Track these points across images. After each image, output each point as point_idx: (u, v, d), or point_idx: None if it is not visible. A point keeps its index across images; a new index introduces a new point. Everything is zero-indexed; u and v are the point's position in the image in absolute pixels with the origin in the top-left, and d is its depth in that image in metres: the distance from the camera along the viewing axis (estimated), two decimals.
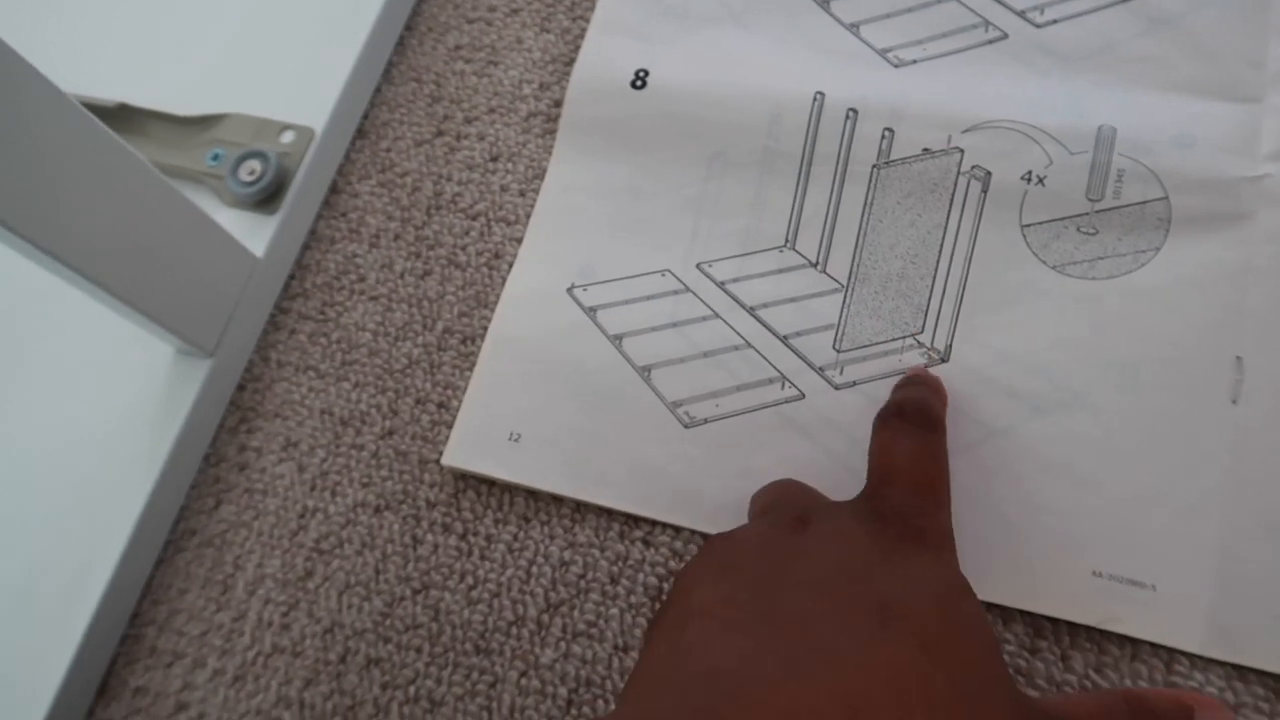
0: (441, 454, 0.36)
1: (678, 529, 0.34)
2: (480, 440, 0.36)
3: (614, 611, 0.33)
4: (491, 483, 0.36)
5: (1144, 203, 0.34)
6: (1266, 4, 0.36)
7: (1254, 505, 0.30)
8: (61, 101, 0.29)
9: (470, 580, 0.34)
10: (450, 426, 0.36)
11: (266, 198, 0.39)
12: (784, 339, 0.35)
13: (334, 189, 0.42)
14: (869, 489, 0.27)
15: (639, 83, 0.40)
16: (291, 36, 0.43)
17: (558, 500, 0.35)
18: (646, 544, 0.34)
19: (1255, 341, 0.32)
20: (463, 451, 0.36)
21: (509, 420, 0.36)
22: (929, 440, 0.28)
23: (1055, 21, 0.37)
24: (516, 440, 0.35)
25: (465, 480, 0.36)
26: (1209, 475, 0.31)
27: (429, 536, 0.35)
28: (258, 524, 0.37)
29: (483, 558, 0.35)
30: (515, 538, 0.35)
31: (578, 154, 0.40)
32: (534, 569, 0.34)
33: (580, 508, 0.35)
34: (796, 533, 0.25)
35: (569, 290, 0.38)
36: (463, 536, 0.35)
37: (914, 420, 0.28)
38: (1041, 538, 0.31)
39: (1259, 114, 0.34)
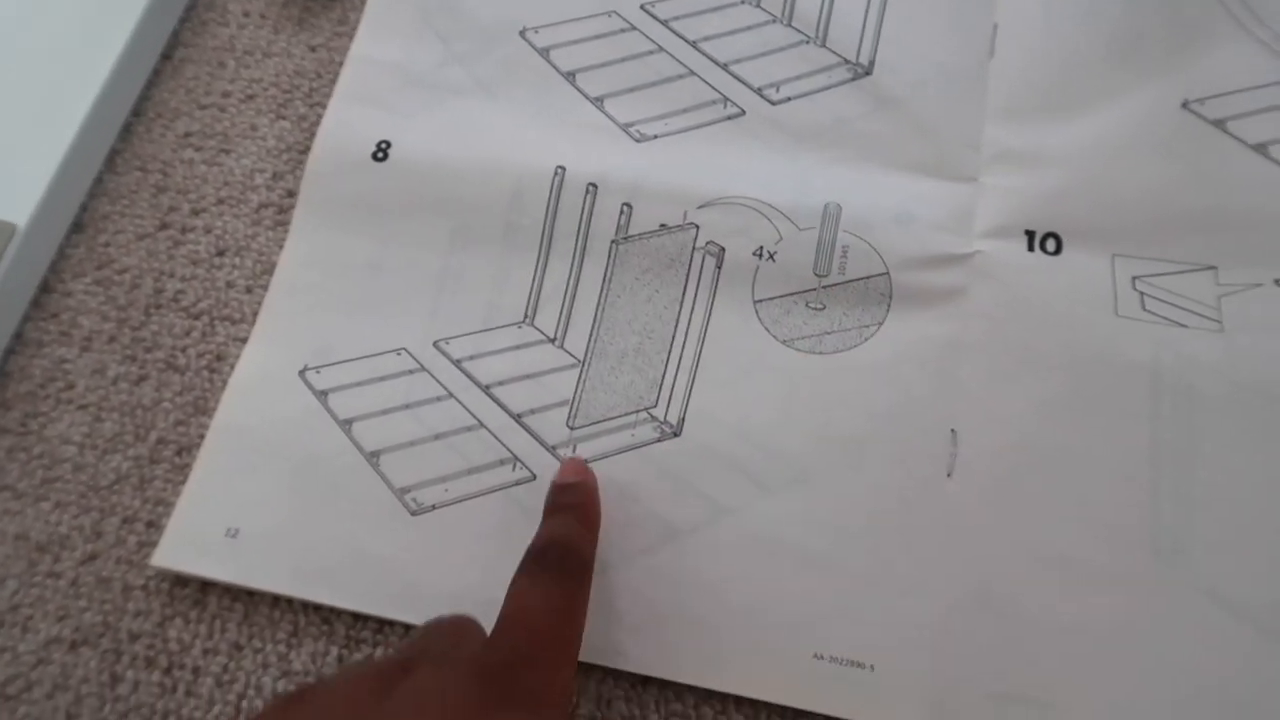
0: (148, 580, 0.34)
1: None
2: (194, 538, 0.34)
3: None
4: (203, 605, 0.33)
5: (867, 278, 0.35)
6: (983, 87, 0.38)
7: (966, 580, 0.31)
8: None
9: None
10: (157, 548, 0.34)
11: None
12: (517, 417, 0.35)
13: (45, 288, 0.40)
14: (493, 634, 0.25)
15: (380, 154, 0.39)
16: None
17: (273, 623, 0.33)
18: None
19: (967, 415, 0.33)
20: (174, 551, 0.34)
21: (227, 515, 0.34)
22: (566, 590, 0.26)
23: (790, 99, 0.39)
24: (234, 536, 0.34)
25: (173, 606, 0.34)
26: (925, 550, 0.31)
27: (129, 673, 0.33)
28: None
29: (189, 694, 0.32)
30: (225, 669, 0.33)
31: (316, 229, 0.39)
32: (244, 704, 0.32)
33: (298, 631, 0.33)
34: (386, 691, 0.22)
35: (301, 373, 0.36)
36: (167, 671, 0.33)
37: (554, 568, 0.27)
38: (765, 620, 0.31)
39: (974, 193, 0.36)
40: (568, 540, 0.28)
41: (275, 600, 0.33)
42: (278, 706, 0.23)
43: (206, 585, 0.34)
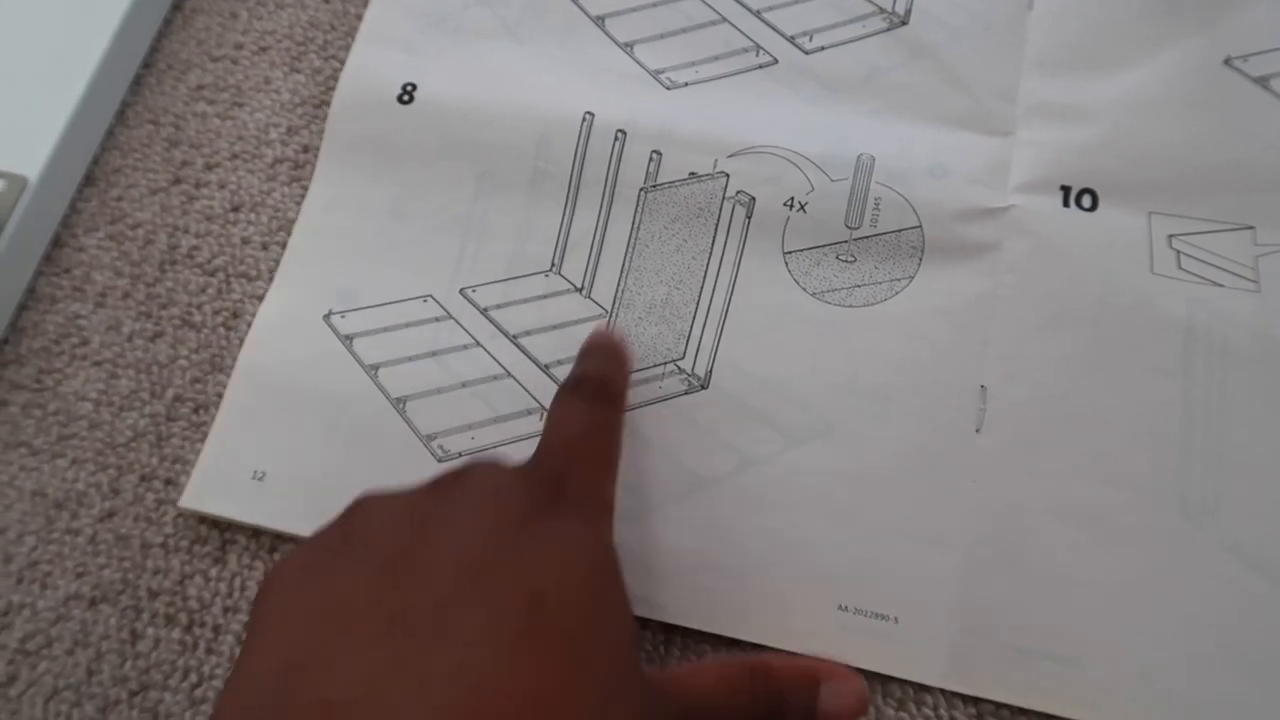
0: (167, 537, 0.34)
1: None
2: (221, 480, 0.34)
3: None
4: (223, 563, 0.34)
5: (899, 231, 0.35)
6: (1020, 40, 0.37)
7: (992, 535, 0.31)
8: None
9: (195, 678, 0.32)
10: (176, 505, 0.34)
11: None
12: (545, 368, 0.35)
13: (57, 242, 0.39)
14: (534, 456, 0.26)
15: (406, 97, 0.38)
16: (2, 72, 0.40)
17: None
18: None
19: (998, 370, 0.33)
20: (202, 493, 0.34)
21: (254, 458, 0.34)
22: (604, 413, 0.28)
23: (823, 48, 0.38)
24: (260, 479, 0.34)
25: (193, 564, 0.34)
26: (952, 505, 0.31)
27: (150, 630, 0.33)
28: None
29: (209, 652, 0.32)
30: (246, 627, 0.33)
31: (341, 172, 0.38)
32: None
33: None
34: (448, 489, 0.24)
35: (326, 317, 0.36)
36: (187, 629, 0.33)
37: (590, 395, 0.28)
38: (792, 571, 0.31)
39: (1009, 146, 0.35)
40: (600, 373, 0.30)
41: None
42: (352, 512, 0.24)
43: (226, 542, 0.34)
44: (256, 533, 0.34)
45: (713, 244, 0.36)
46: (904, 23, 0.38)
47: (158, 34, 0.43)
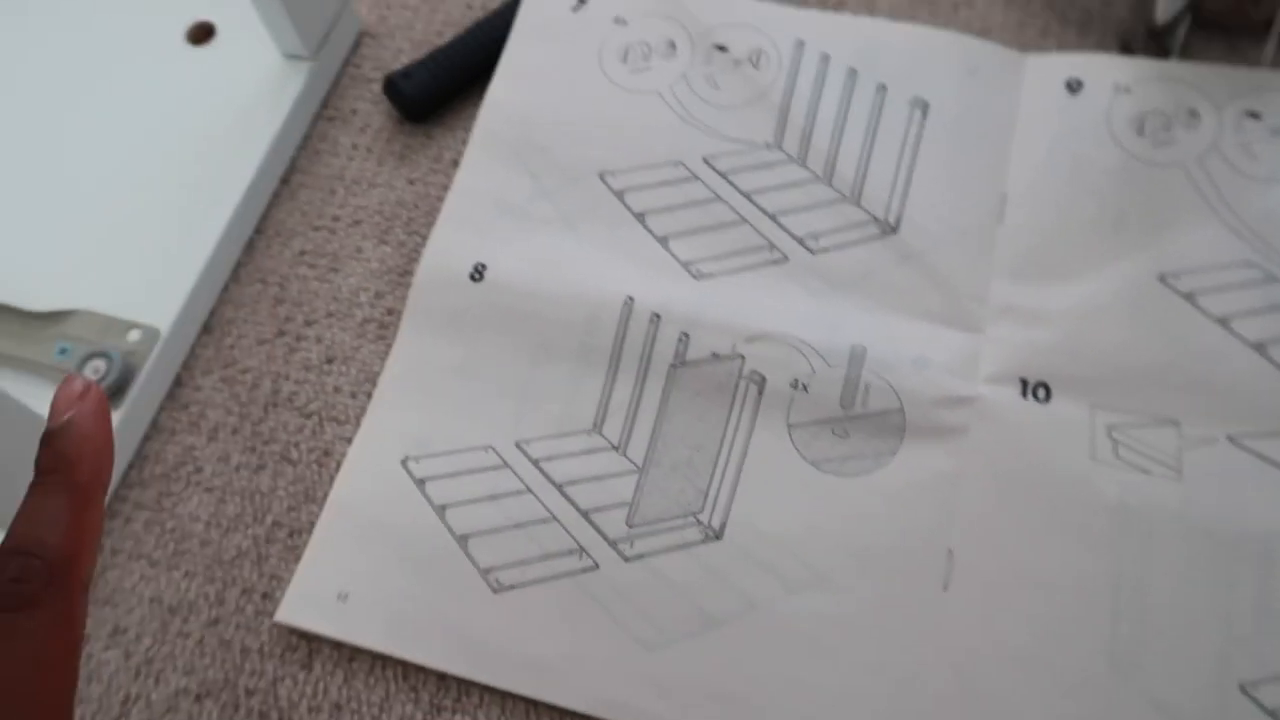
0: (263, 644, 0.41)
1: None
2: (310, 598, 0.41)
3: None
4: (310, 669, 0.40)
5: (884, 413, 0.42)
6: (992, 249, 0.45)
7: (953, 676, 0.37)
8: None
9: None
10: (272, 616, 0.41)
11: (110, 395, 0.44)
12: (585, 513, 0.42)
13: (178, 382, 0.46)
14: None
15: (477, 275, 0.46)
16: (144, 236, 0.47)
17: (369, 688, 0.40)
18: None
19: (963, 537, 0.39)
20: (294, 609, 0.41)
21: (339, 581, 0.41)
22: (73, 504, 0.22)
23: (827, 250, 0.46)
24: (344, 599, 0.41)
25: (284, 668, 0.40)
26: (924, 649, 0.38)
27: None
28: (79, 710, 0.40)
29: None
30: None
31: (419, 335, 0.46)
32: None
33: (389, 696, 0.39)
34: None
35: (403, 461, 0.43)
36: None
37: (57, 483, 0.22)
38: (784, 703, 0.38)
39: (980, 342, 0.43)
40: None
41: (371, 667, 0.40)
42: None
43: (313, 651, 0.41)
44: (339, 645, 0.41)
45: (729, 415, 0.43)
46: (894, 230, 0.46)
47: (268, 205, 0.51)
